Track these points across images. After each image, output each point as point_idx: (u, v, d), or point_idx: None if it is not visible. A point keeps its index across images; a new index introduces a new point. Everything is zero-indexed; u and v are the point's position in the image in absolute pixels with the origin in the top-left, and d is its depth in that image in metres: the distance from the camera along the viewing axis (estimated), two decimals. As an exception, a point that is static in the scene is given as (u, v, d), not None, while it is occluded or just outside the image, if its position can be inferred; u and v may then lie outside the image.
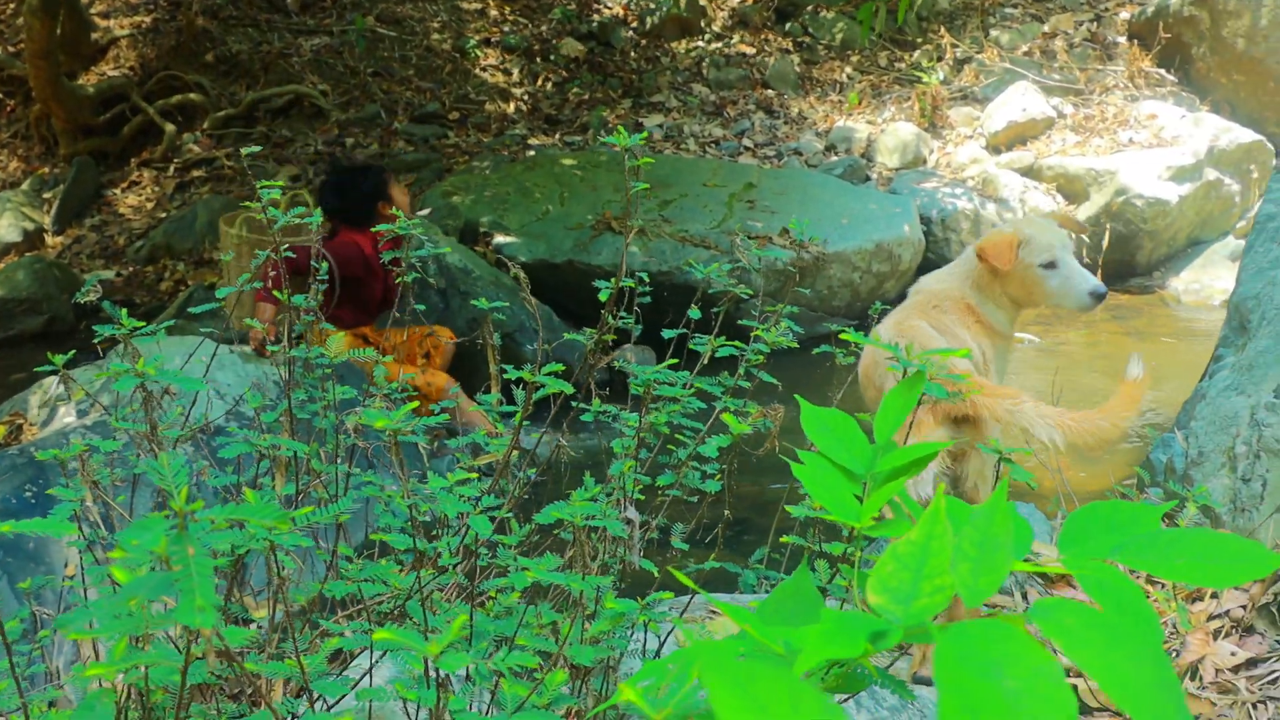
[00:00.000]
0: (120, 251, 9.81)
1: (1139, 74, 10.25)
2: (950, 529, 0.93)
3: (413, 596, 1.76)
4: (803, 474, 1.20)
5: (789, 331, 2.24)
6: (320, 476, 2.42)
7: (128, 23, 11.85)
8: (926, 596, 0.89)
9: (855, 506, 1.18)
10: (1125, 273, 8.82)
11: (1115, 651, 0.93)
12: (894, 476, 1.20)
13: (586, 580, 1.55)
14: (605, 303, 2.39)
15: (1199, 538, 1.17)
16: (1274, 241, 3.02)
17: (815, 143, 9.83)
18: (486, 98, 10.99)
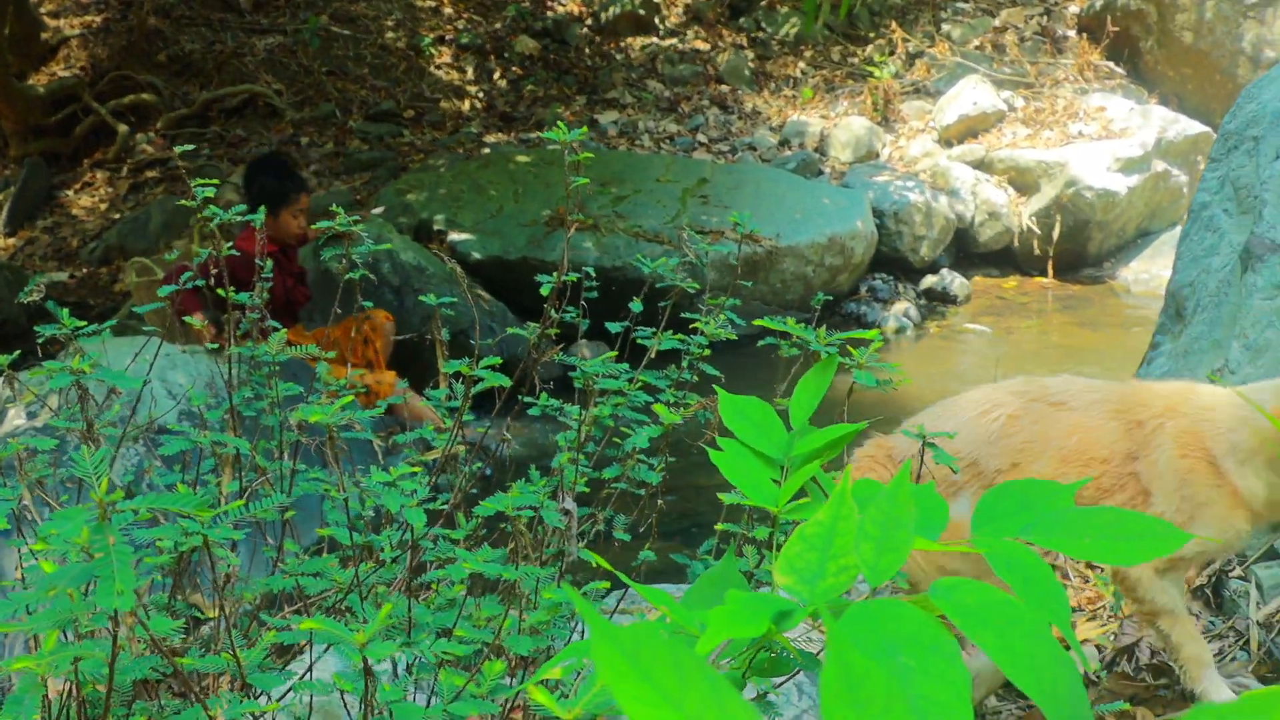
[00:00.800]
0: (74, 253, 9.73)
1: (1088, 67, 10.37)
2: (856, 510, 0.96)
3: (353, 590, 1.78)
4: (721, 461, 1.23)
5: (728, 324, 2.27)
6: (266, 474, 2.43)
7: (78, 22, 11.75)
8: (833, 576, 0.92)
9: (773, 491, 1.22)
10: (1076, 263, 8.93)
11: (1013, 630, 0.96)
12: (810, 460, 1.23)
13: (520, 569, 1.58)
14: (547, 297, 2.41)
15: (1108, 516, 1.20)
16: (1207, 230, 3.08)
17: (769, 137, 9.88)
18: (442, 96, 10.97)
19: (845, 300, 8.14)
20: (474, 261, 7.21)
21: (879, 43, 11.13)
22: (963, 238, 8.92)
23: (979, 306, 8.35)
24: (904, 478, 0.95)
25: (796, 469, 1.22)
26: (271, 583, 1.76)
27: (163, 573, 2.23)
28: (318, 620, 1.13)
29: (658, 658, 0.56)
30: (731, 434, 1.28)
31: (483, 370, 1.92)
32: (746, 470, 1.22)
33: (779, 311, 7.45)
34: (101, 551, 0.83)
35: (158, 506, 0.92)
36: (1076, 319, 8.09)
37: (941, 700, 0.87)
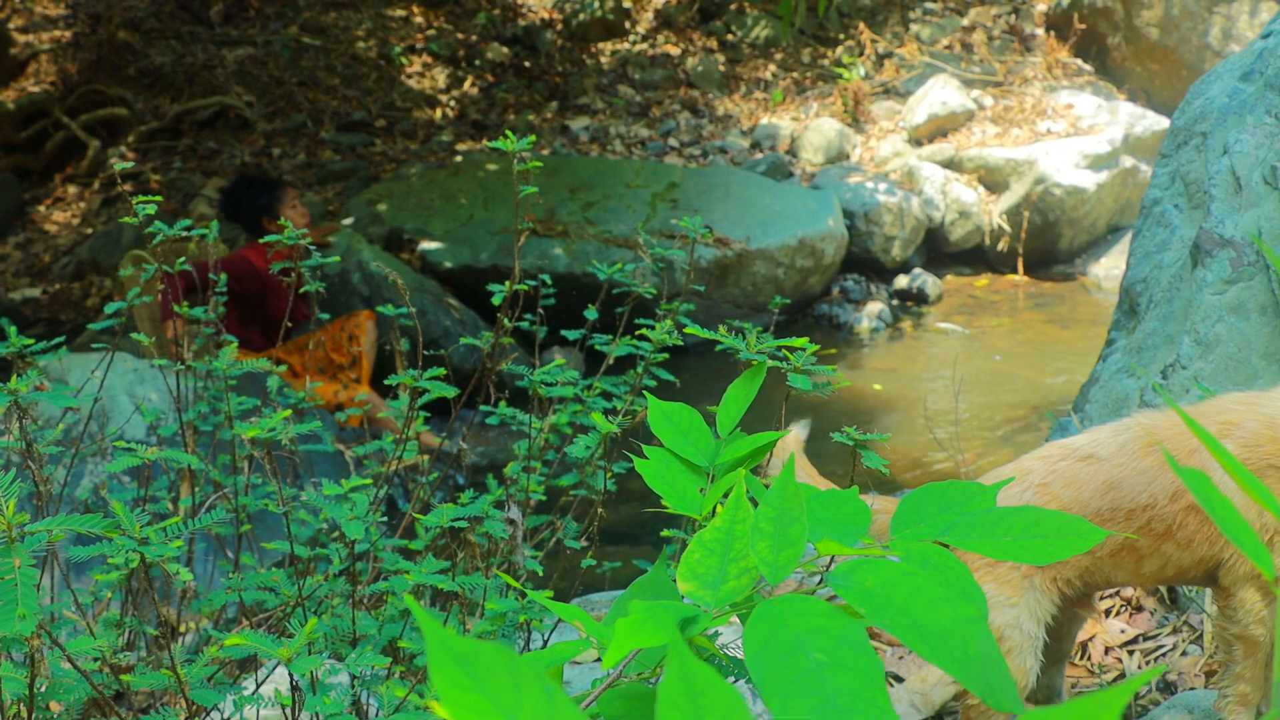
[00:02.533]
0: (46, 269, 9.70)
1: (1056, 65, 10.42)
2: (752, 513, 0.97)
3: (299, 604, 1.78)
4: (645, 469, 1.24)
5: (674, 330, 2.28)
6: (222, 489, 2.43)
7: (47, 37, 11.71)
8: (734, 579, 0.93)
9: (697, 498, 1.22)
10: (1047, 260, 8.97)
11: (915, 603, 0.96)
12: (735, 467, 1.24)
13: (459, 580, 1.58)
14: (500, 305, 2.42)
15: (1025, 515, 1.21)
16: (1159, 225, 3.11)
17: (740, 141, 9.91)
18: (413, 105, 10.97)
19: (818, 302, 8.16)
20: (445, 270, 7.21)
21: (848, 44, 11.17)
22: (934, 237, 8.95)
23: (951, 305, 8.38)
24: (790, 472, 0.96)
25: (722, 476, 1.23)
26: (214, 598, 1.76)
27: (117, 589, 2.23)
28: (244, 636, 1.14)
29: (493, 668, 0.57)
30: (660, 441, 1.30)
31: (428, 380, 1.93)
32: (672, 477, 1.23)
33: (750, 314, 7.47)
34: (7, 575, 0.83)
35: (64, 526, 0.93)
36: (1048, 316, 8.13)
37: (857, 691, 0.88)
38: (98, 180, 10.56)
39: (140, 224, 1.98)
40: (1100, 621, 2.57)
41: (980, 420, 5.81)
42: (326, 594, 1.83)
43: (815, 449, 6.26)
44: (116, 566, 1.86)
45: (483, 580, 1.65)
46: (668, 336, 2.24)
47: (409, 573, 1.62)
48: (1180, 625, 2.53)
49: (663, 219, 7.58)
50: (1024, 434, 5.61)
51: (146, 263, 6.10)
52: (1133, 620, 2.58)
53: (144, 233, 2.02)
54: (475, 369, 6.33)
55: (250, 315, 5.80)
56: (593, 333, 2.79)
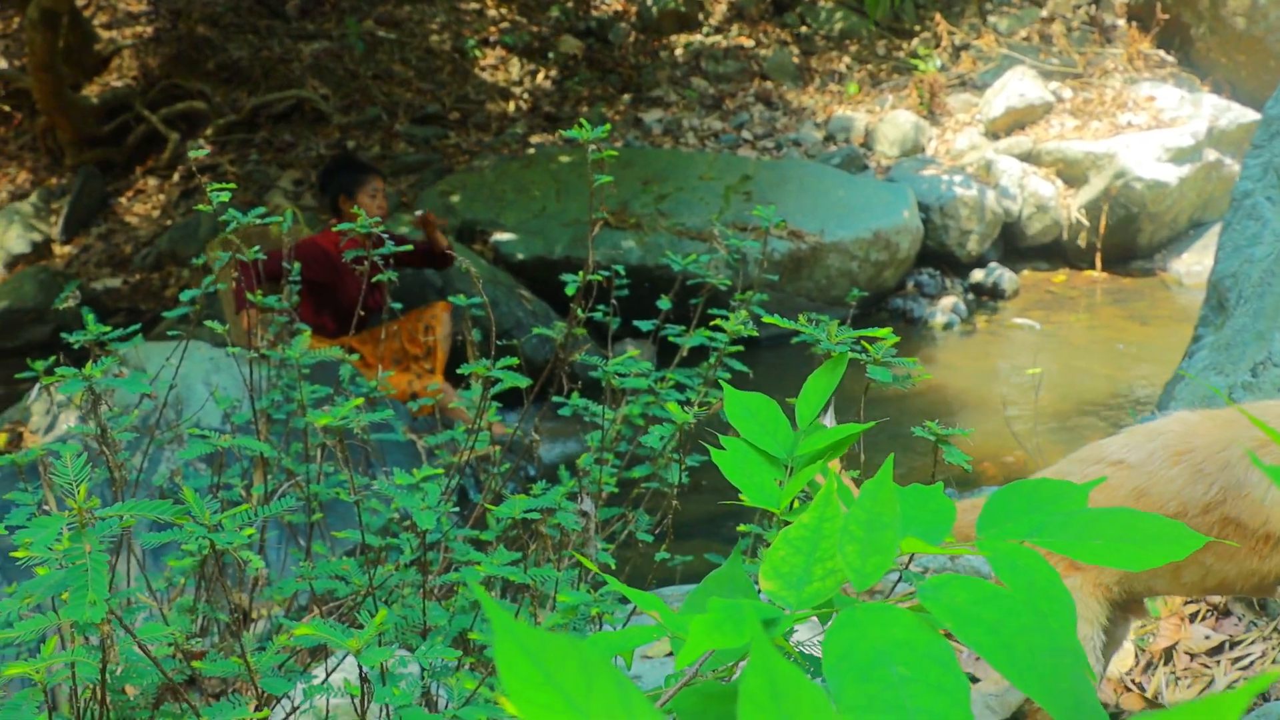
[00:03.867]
0: (127, 260, 9.85)
1: (1138, 56, 10.22)
2: (842, 512, 0.94)
3: (370, 594, 1.77)
4: (722, 460, 1.20)
5: (749, 321, 2.25)
6: (295, 477, 2.43)
7: (130, 33, 11.89)
8: (819, 580, 0.90)
9: (775, 491, 1.19)
10: (1126, 256, 8.80)
11: (1007, 626, 0.92)
12: (815, 459, 1.20)
13: (531, 572, 1.56)
14: (573, 296, 2.39)
15: (1119, 517, 1.17)
16: (1250, 218, 3.01)
17: (814, 133, 9.82)
18: (486, 97, 11.00)
19: (892, 296, 8.07)
20: (517, 261, 7.22)
21: (924, 36, 11.04)
22: (1010, 231, 8.82)
23: (1027, 301, 8.25)
24: (887, 474, 0.93)
25: (801, 469, 1.20)
26: (285, 586, 1.76)
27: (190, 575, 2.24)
28: (314, 625, 1.12)
29: (563, 660, 0.54)
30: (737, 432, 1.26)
31: (501, 370, 1.91)
32: (750, 470, 1.20)
33: (824, 308, 7.40)
34: (78, 559, 0.82)
35: (131, 512, 0.92)
36: (1127, 312, 7.97)
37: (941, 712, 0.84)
38: (177, 173, 10.70)
39: (215, 211, 1.98)
40: (1185, 627, 2.50)
41: (1059, 417, 5.70)
42: (397, 584, 1.82)
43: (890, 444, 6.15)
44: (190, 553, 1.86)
45: (555, 572, 1.63)
46: (742, 328, 2.21)
47: (480, 564, 1.60)
48: (1270, 632, 2.45)
49: (736, 211, 7.53)
50: (1100, 430, 5.50)
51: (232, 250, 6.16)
52: (1219, 625, 2.50)
53: (218, 220, 2.02)
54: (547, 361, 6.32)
55: (323, 302, 5.82)
56: (666, 324, 2.76)
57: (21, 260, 9.78)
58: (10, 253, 9.81)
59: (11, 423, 5.19)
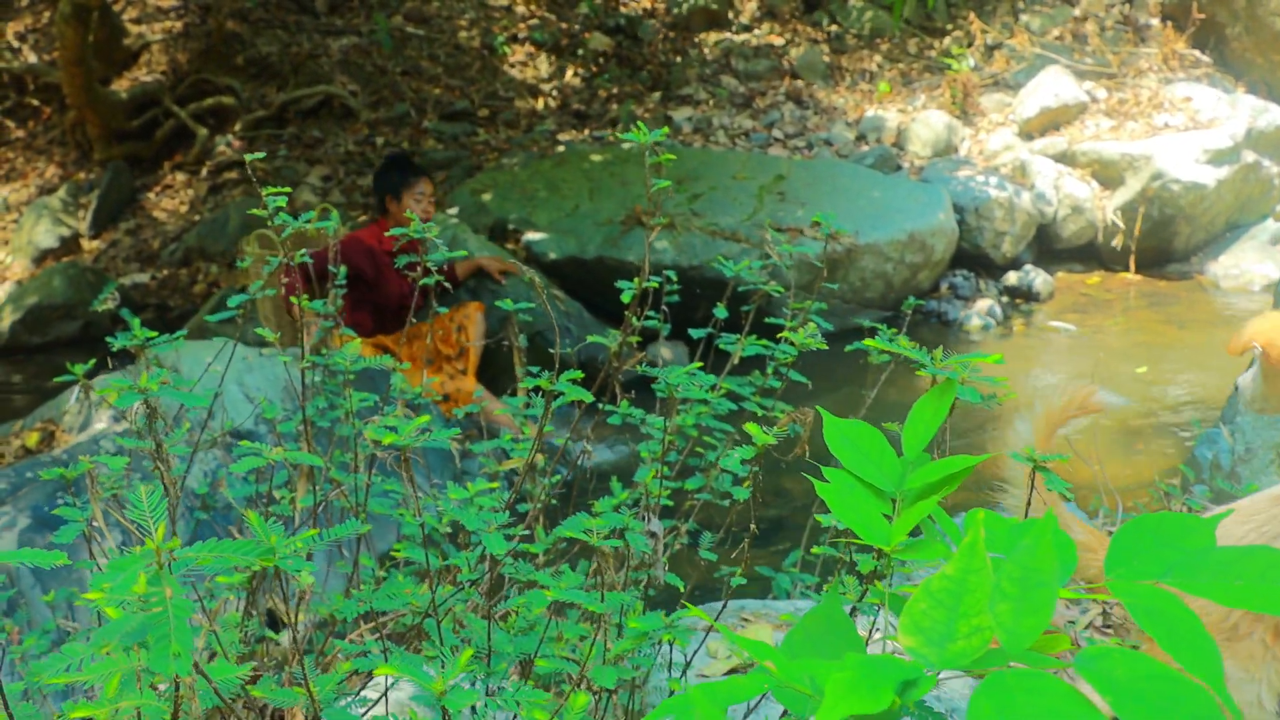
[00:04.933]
0: (155, 255, 9.84)
1: (1173, 56, 10.09)
2: (989, 564, 0.87)
3: (430, 615, 1.71)
4: (827, 492, 1.14)
5: (818, 333, 2.17)
6: (340, 486, 2.37)
7: (159, 28, 11.88)
8: (964, 638, 0.83)
9: (884, 526, 1.12)
10: (1161, 258, 8.69)
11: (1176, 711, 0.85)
12: (926, 495, 1.13)
13: (608, 599, 1.50)
14: (629, 304, 2.33)
15: (1259, 556, 1.09)
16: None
17: (846, 133, 9.73)
18: (515, 94, 10.95)
19: (926, 298, 7.99)
20: (549, 261, 7.16)
21: (956, 35, 10.93)
22: (1044, 233, 8.72)
23: (1063, 303, 8.15)
24: (1049, 526, 0.86)
25: (910, 503, 1.13)
26: (346, 609, 1.70)
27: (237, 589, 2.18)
28: (396, 662, 1.06)
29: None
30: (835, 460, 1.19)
31: (564, 384, 1.85)
32: (855, 503, 1.13)
33: (858, 310, 7.32)
34: (158, 605, 0.76)
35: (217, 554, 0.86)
36: (1164, 316, 7.86)
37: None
38: (205, 168, 10.68)
39: (269, 215, 1.92)
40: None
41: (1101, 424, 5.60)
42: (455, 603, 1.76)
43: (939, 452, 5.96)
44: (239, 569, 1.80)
45: (627, 598, 1.57)
46: (811, 340, 2.14)
47: (548, 588, 1.54)
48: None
49: (770, 211, 7.45)
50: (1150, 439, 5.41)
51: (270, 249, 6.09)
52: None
53: (270, 223, 1.96)
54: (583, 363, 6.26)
55: (362, 298, 5.78)
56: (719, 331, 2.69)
57: (50, 255, 9.77)
58: (39, 247, 9.80)
59: (43, 421, 5.15)
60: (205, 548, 0.87)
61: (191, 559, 0.84)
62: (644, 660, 1.72)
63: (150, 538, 0.83)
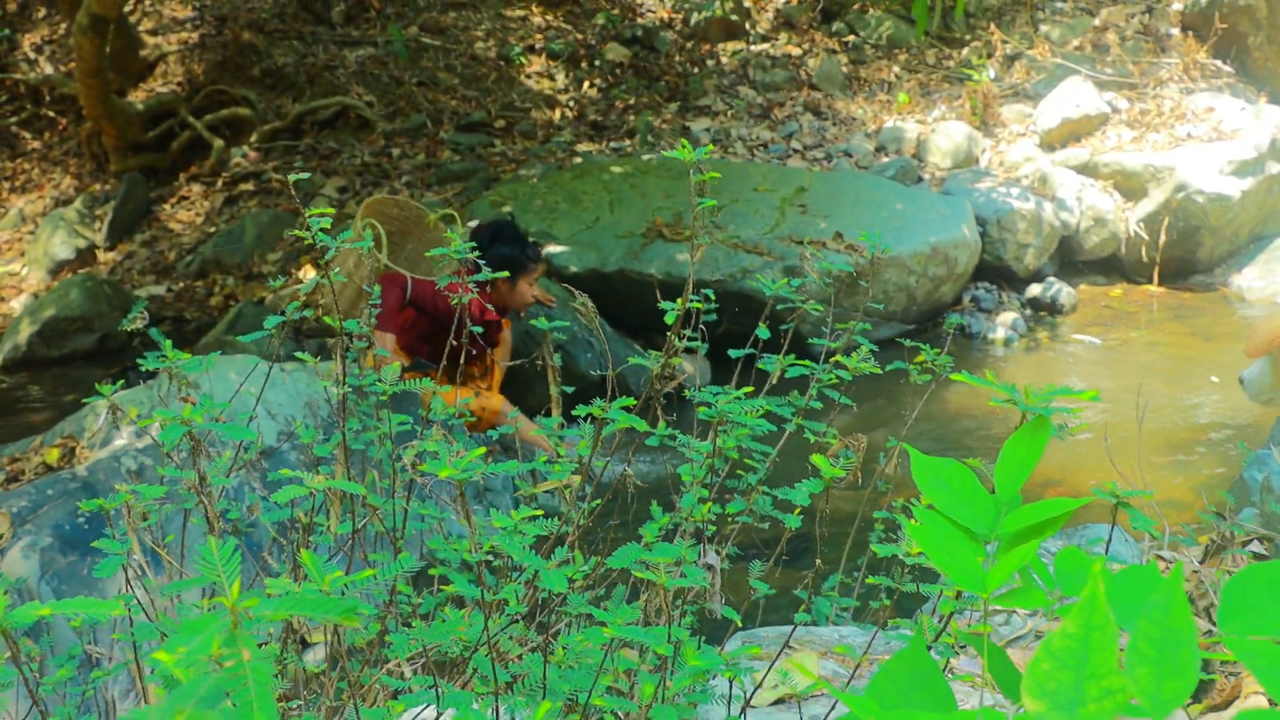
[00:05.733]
0: (170, 267, 9.81)
1: (1194, 66, 10.01)
2: (1113, 618, 0.81)
3: (479, 649, 1.65)
4: (919, 535, 1.08)
5: (870, 357, 2.12)
6: (378, 511, 2.32)
7: (175, 39, 11.88)
8: (1094, 701, 0.77)
9: (979, 571, 1.06)
10: (1185, 270, 8.62)
11: None
12: (1024, 539, 1.08)
13: (667, 635, 1.44)
14: (671, 325, 2.27)
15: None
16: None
17: (865, 144, 9.68)
18: (532, 105, 10.91)
19: (948, 310, 7.92)
20: (570, 274, 7.10)
21: (975, 45, 10.88)
22: (1066, 245, 8.65)
23: (1086, 316, 8.08)
24: (1176, 581, 0.80)
25: (1007, 547, 1.07)
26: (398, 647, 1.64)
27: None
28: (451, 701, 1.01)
29: None
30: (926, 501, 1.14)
31: (616, 411, 1.79)
32: (948, 546, 1.07)
33: (880, 323, 7.26)
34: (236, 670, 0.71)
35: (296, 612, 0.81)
36: (1189, 329, 7.79)
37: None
38: (221, 179, 10.66)
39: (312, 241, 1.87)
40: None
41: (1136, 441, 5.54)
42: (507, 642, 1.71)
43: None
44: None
45: (685, 634, 1.51)
46: (864, 365, 2.08)
47: (605, 624, 1.48)
48: None
49: (792, 224, 7.40)
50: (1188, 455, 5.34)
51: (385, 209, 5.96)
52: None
53: (310, 245, 1.91)
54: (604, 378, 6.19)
55: (431, 335, 5.70)
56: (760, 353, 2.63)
57: (66, 266, 9.75)
58: (55, 259, 9.78)
59: (64, 437, 5.11)
60: (280, 604, 0.81)
61: (269, 618, 0.79)
62: (701, 697, 1.66)
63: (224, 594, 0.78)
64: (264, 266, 9.28)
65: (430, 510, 2.46)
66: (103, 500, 1.71)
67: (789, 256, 7.07)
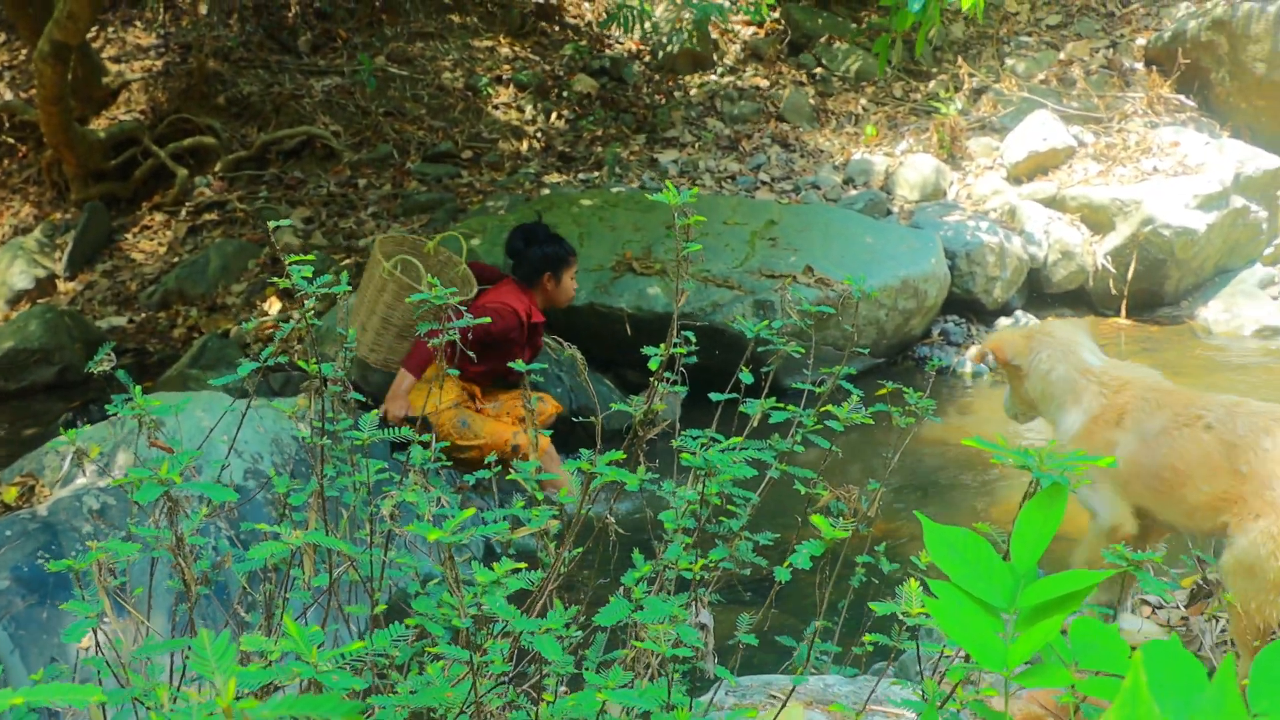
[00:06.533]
0: (132, 297, 9.68)
1: (1158, 100, 10.10)
2: (1157, 712, 0.77)
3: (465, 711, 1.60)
4: (936, 609, 1.04)
5: (861, 405, 2.08)
6: (353, 561, 2.26)
7: (139, 66, 11.77)
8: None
9: (999, 647, 1.02)
10: (1152, 303, 8.67)
11: None
12: (1045, 614, 1.04)
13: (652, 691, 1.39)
14: (655, 371, 2.23)
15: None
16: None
17: (833, 176, 9.69)
18: (499, 136, 10.88)
19: (917, 344, 7.92)
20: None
21: (942, 78, 10.93)
22: (1035, 278, 8.69)
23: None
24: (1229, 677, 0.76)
25: (1027, 622, 1.03)
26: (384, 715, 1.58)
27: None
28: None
29: None
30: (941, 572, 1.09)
31: (604, 465, 1.75)
32: (966, 620, 1.03)
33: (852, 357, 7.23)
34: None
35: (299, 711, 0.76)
36: (1158, 361, 7.77)
37: None
38: (185, 209, 10.55)
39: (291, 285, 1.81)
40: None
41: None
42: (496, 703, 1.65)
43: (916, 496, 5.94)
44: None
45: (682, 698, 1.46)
46: (856, 415, 2.04)
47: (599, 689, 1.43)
48: None
49: (762, 257, 7.38)
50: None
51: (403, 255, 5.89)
52: None
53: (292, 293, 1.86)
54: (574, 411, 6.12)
55: (493, 356, 5.68)
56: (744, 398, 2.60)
57: (25, 296, 9.62)
58: (13, 289, 9.64)
59: (22, 475, 5.01)
60: (282, 705, 0.76)
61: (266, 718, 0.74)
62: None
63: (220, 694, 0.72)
64: (228, 298, 9.17)
65: (406, 559, 2.40)
66: (71, 560, 1.64)
67: (759, 290, 7.05)
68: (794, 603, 4.17)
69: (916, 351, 7.88)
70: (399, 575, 2.44)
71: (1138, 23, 11.30)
